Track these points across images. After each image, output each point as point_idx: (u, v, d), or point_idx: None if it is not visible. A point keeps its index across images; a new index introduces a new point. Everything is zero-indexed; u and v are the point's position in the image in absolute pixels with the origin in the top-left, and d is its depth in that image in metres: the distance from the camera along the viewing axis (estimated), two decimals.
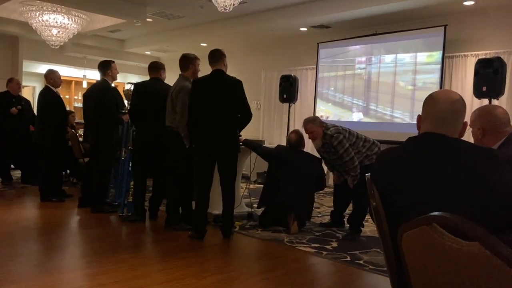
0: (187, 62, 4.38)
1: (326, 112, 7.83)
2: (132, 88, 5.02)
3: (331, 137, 4.22)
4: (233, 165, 4.06)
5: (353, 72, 7.44)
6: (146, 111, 4.57)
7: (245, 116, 4.07)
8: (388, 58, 6.97)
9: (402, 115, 6.79)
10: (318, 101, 7.97)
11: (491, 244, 1.02)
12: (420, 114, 1.67)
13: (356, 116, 7.37)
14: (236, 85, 4.01)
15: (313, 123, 4.32)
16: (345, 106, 7.57)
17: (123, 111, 5.04)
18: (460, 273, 1.11)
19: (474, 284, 1.08)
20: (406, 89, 6.78)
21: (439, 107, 1.60)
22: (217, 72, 4.04)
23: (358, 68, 7.38)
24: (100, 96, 4.94)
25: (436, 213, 1.15)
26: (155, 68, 4.78)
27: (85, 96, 5.34)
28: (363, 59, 7.31)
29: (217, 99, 3.95)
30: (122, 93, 5.38)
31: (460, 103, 1.62)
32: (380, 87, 7.05)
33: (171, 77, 4.93)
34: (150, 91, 4.60)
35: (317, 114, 7.65)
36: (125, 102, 5.20)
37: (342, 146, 4.19)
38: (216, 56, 4.06)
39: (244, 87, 4.06)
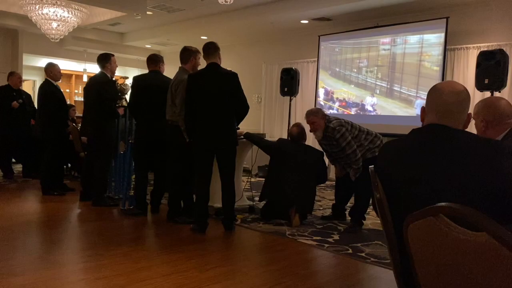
0: (188, 54, 4.36)
1: (349, 94, 7.57)
2: (126, 82, 5.02)
3: (334, 130, 4.21)
4: (231, 158, 4.04)
5: (377, 53, 7.19)
6: (146, 104, 4.55)
7: (242, 108, 4.04)
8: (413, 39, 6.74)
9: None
10: (341, 83, 7.66)
11: (498, 234, 1.02)
12: (424, 106, 1.66)
13: (370, 101, 7.11)
14: (231, 78, 3.98)
15: (315, 115, 4.31)
16: (368, 87, 7.30)
17: (118, 104, 5.04)
18: (467, 264, 1.10)
19: (481, 274, 1.08)
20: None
21: (444, 98, 1.59)
22: (212, 66, 4.01)
23: (382, 49, 7.13)
24: (100, 89, 4.92)
25: (442, 203, 1.14)
26: (154, 60, 4.75)
27: (85, 89, 5.33)
28: (388, 40, 7.06)
29: (212, 93, 3.92)
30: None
31: (464, 94, 1.60)
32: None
33: (172, 70, 4.91)
34: (149, 84, 4.58)
35: (339, 97, 7.55)
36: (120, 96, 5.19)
37: (345, 139, 4.18)
38: (211, 49, 4.04)
39: (244, 80, 4.04)
